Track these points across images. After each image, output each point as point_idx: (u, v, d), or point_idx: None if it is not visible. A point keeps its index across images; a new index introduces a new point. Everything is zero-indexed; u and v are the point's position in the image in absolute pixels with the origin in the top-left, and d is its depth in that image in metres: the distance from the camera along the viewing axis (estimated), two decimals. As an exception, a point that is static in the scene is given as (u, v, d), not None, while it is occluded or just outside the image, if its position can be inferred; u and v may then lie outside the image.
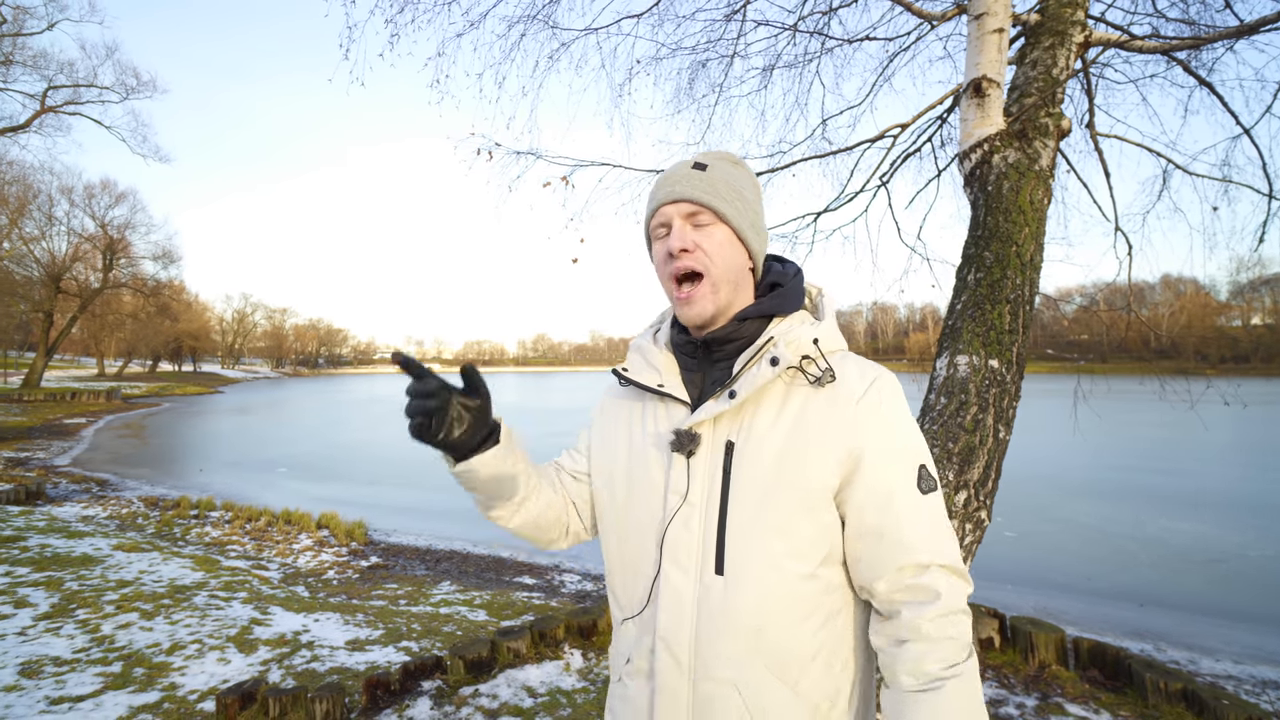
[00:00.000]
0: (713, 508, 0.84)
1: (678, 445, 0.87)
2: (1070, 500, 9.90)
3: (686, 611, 0.84)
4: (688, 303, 0.89)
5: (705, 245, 0.88)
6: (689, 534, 0.85)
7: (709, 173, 0.90)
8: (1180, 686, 3.11)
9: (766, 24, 3.48)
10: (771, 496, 0.82)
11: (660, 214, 0.91)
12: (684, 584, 0.85)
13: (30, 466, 12.55)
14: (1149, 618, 5.58)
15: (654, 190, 0.94)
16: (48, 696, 3.13)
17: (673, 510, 0.86)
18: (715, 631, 0.82)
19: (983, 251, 2.25)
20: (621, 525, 0.94)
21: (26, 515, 7.49)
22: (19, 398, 24.34)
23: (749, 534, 0.82)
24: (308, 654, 3.91)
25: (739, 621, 0.82)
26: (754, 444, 0.84)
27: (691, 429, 0.87)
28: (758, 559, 0.82)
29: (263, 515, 8.56)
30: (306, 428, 22.96)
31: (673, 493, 0.87)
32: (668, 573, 0.85)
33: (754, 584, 0.82)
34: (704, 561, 0.84)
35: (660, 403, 0.94)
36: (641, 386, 0.93)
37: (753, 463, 0.83)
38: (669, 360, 0.96)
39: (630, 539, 0.92)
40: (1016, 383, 2.11)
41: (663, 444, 0.90)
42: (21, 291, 31.62)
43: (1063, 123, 2.43)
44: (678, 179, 0.90)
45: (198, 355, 72.51)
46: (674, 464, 0.88)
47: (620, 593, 0.94)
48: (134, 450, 15.91)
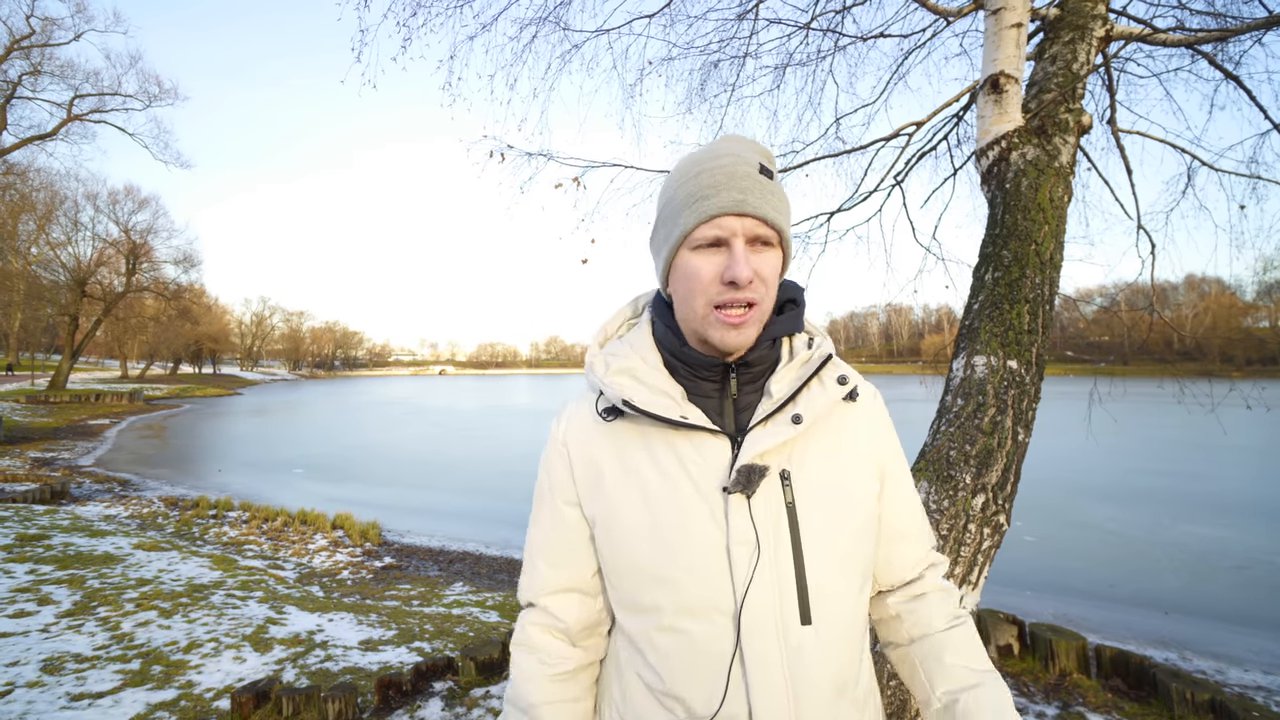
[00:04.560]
0: (784, 551, 0.73)
1: (742, 485, 0.72)
2: (1091, 504, 9.71)
3: (778, 684, 0.71)
4: (739, 330, 0.76)
5: (763, 272, 0.75)
6: (769, 590, 0.72)
7: (776, 183, 0.78)
8: (1208, 697, 3.02)
9: (779, 22, 3.46)
10: (838, 524, 0.77)
11: (719, 224, 0.74)
12: (772, 653, 0.72)
13: (56, 466, 12.84)
14: (1173, 625, 5.45)
15: (702, 182, 0.76)
16: (69, 693, 3.18)
17: (746, 566, 0.72)
18: (812, 691, 0.73)
19: (1001, 250, 2.20)
20: (662, 606, 0.74)
21: (51, 514, 7.65)
22: (46, 399, 24.90)
23: (829, 571, 0.75)
24: (321, 654, 3.94)
25: (832, 671, 0.74)
26: (810, 471, 0.77)
27: (755, 462, 0.74)
28: (841, 596, 0.76)
29: (279, 515, 8.67)
30: (323, 429, 23.23)
31: (739, 544, 0.72)
32: (753, 647, 0.71)
33: (842, 626, 0.76)
34: (787, 617, 0.72)
35: (683, 438, 0.77)
36: (659, 419, 0.75)
37: (814, 492, 0.77)
38: (674, 385, 0.80)
39: (681, 620, 0.74)
40: (1036, 384, 2.06)
41: (707, 488, 0.75)
42: (49, 296, 32.44)
43: (1083, 119, 2.38)
44: (747, 186, 0.74)
45: (217, 357, 73.81)
46: (733, 509, 0.73)
47: (672, 693, 0.74)
48: (155, 451, 16.21)
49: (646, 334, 0.85)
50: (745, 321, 0.76)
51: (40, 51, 23.49)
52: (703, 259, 0.76)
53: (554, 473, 0.84)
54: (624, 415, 0.79)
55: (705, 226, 0.75)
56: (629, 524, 0.77)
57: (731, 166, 0.75)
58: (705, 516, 0.74)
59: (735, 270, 0.73)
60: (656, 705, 0.76)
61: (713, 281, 0.75)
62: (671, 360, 0.82)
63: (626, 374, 0.81)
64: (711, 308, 0.76)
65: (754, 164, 0.76)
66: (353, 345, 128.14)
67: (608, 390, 0.79)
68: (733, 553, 0.72)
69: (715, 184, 0.75)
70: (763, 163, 0.77)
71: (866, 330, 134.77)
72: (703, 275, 0.75)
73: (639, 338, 0.85)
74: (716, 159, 0.76)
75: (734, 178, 0.75)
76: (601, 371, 0.82)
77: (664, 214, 0.81)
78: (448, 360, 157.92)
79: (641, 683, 0.77)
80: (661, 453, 0.77)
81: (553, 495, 0.85)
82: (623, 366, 0.82)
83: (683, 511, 0.74)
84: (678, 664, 0.73)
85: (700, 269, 0.76)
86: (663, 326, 0.84)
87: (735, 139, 0.80)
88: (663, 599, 0.74)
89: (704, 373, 0.80)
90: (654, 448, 0.78)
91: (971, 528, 1.89)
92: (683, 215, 0.77)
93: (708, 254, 0.76)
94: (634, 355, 0.83)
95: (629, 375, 0.81)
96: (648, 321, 0.87)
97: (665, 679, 0.74)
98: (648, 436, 0.79)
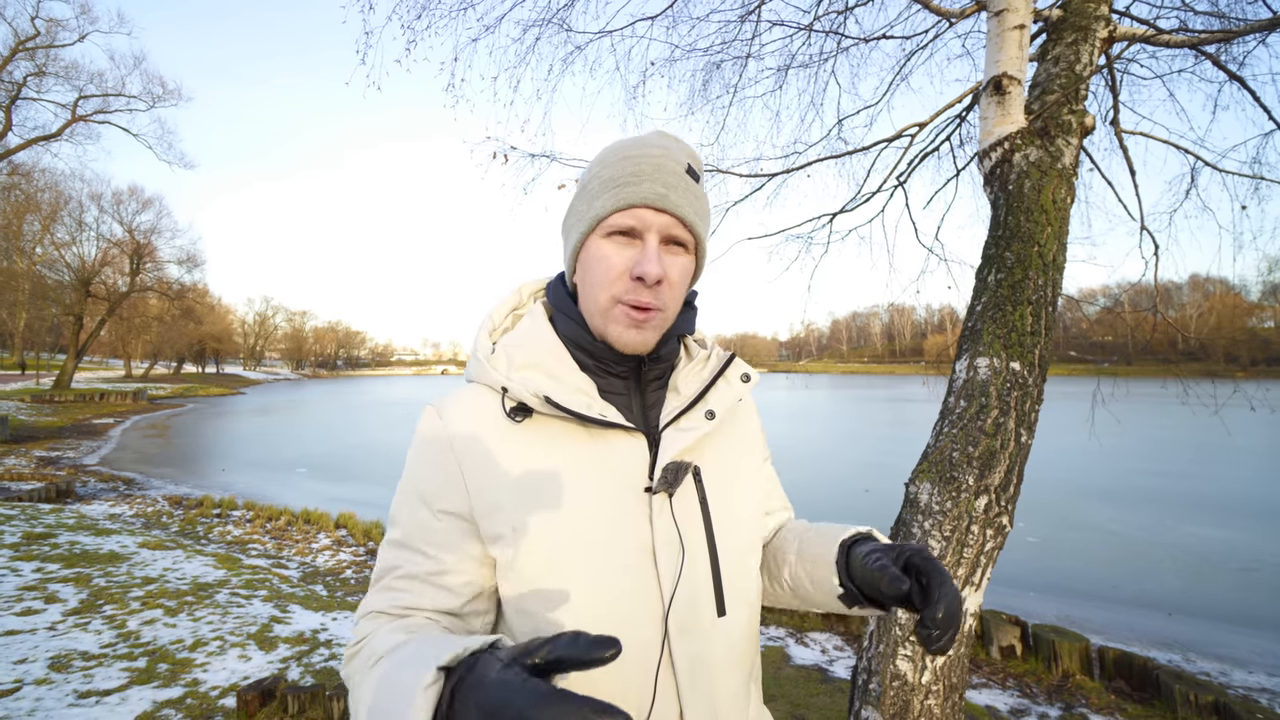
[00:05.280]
0: (701, 548, 0.73)
1: (667, 483, 0.71)
2: (1094, 506, 9.69)
3: (704, 679, 0.71)
4: (639, 330, 0.73)
5: (673, 275, 0.73)
6: (692, 588, 0.71)
7: (700, 187, 0.77)
8: (1211, 699, 3.02)
9: (781, 24, 3.46)
10: (741, 515, 0.80)
11: (636, 215, 0.71)
12: (698, 650, 0.71)
13: (61, 465, 12.89)
14: (1177, 627, 5.44)
15: (625, 169, 0.73)
16: (76, 690, 3.21)
17: (671, 567, 0.70)
18: (729, 680, 0.74)
19: (1003, 251, 2.21)
20: (581, 617, 0.67)
21: (57, 513, 7.69)
22: (50, 398, 25.01)
23: (737, 562, 0.78)
24: (326, 652, 3.95)
25: (743, 655, 0.77)
26: (715, 466, 0.78)
27: (681, 459, 0.73)
28: (746, 581, 0.79)
29: (283, 515, 8.70)
30: (325, 429, 23.29)
31: (664, 545, 0.70)
32: (681, 647, 0.70)
33: (748, 611, 0.79)
34: (706, 612, 0.72)
35: (599, 437, 0.73)
36: (580, 417, 0.70)
37: (720, 486, 0.78)
38: (587, 380, 0.75)
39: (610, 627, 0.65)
40: (1039, 386, 2.06)
41: (629, 489, 0.71)
42: (53, 295, 32.58)
43: (1086, 120, 2.38)
44: (671, 182, 0.72)
45: (220, 357, 74.07)
46: (657, 511, 0.71)
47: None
48: (159, 450, 16.27)
49: (545, 325, 0.78)
50: (646, 321, 0.73)
51: (45, 53, 23.62)
52: (613, 248, 0.72)
53: (430, 480, 0.72)
54: (532, 414, 0.72)
55: (621, 214, 0.72)
56: (551, 532, 0.68)
57: (659, 160, 0.73)
58: (631, 519, 0.70)
59: (645, 266, 0.70)
60: None
61: (621, 275, 0.72)
62: (580, 355, 0.77)
63: (536, 369, 0.74)
64: (615, 301, 0.72)
65: (682, 163, 0.74)
66: (355, 345, 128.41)
67: (515, 386, 0.71)
68: (659, 554, 0.70)
69: (639, 173, 0.72)
70: (690, 164, 0.76)
71: (869, 330, 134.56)
72: (611, 265, 0.72)
73: (538, 329, 0.78)
74: (644, 149, 0.74)
75: (660, 171, 0.72)
76: (505, 367, 0.74)
77: (580, 195, 0.77)
78: (450, 360, 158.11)
79: None
80: (579, 453, 0.72)
81: (426, 506, 0.71)
82: (529, 360, 0.75)
83: (610, 515, 0.70)
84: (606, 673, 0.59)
85: (609, 257, 0.72)
86: (566, 319, 0.78)
87: (667, 135, 0.78)
88: (591, 609, 0.68)
89: (615, 368, 0.77)
90: (570, 449, 0.72)
91: (974, 529, 1.90)
92: (600, 198, 0.73)
93: (619, 244, 0.72)
94: (539, 348, 0.76)
95: (539, 370, 0.74)
96: (541, 312, 0.80)
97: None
98: (560, 436, 0.72)
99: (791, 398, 38.47)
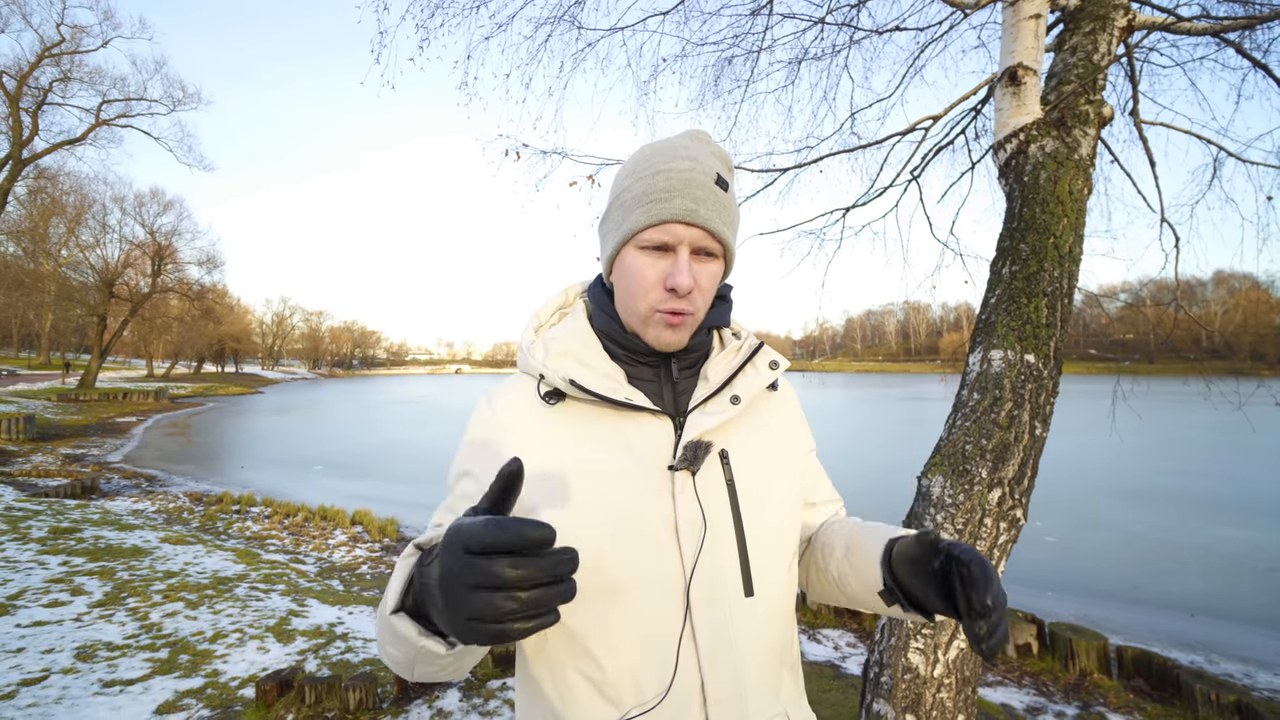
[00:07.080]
0: (727, 526, 0.76)
1: (688, 461, 0.75)
2: (1115, 505, 9.53)
3: (727, 656, 0.73)
4: (674, 331, 0.79)
5: (703, 282, 0.79)
6: (716, 564, 0.74)
7: (730, 195, 0.80)
8: (1234, 699, 2.96)
9: (793, 17, 3.44)
10: (773, 500, 0.82)
11: (668, 230, 0.76)
12: (721, 625, 0.73)
13: (86, 463, 13.20)
14: (1199, 628, 5.33)
15: (657, 183, 0.77)
16: (101, 679, 3.29)
17: (694, 541, 0.74)
18: (757, 660, 0.76)
19: (1018, 244, 2.18)
20: (606, 589, 0.72)
21: (82, 508, 7.88)
22: (76, 397, 25.58)
23: (768, 545, 0.79)
24: (342, 645, 4.01)
25: (773, 639, 0.79)
26: (746, 451, 0.81)
27: (702, 438, 0.77)
28: (778, 567, 0.81)
29: (300, 511, 8.83)
30: (342, 427, 23.60)
31: (687, 520, 0.74)
32: (703, 620, 0.72)
33: (780, 596, 0.80)
34: (732, 590, 0.75)
35: (627, 419, 0.78)
36: (606, 400, 0.76)
37: (750, 470, 0.81)
38: (616, 368, 0.82)
39: (634, 599, 0.72)
40: (1054, 379, 2.04)
41: (653, 467, 0.76)
42: (78, 296, 33.34)
43: (1104, 110, 2.34)
44: (701, 196, 0.76)
45: (239, 357, 75.29)
46: (679, 486, 0.75)
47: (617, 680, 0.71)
48: (180, 448, 16.58)
49: (583, 320, 0.86)
50: (681, 325, 0.79)
51: (70, 58, 24.14)
52: (647, 260, 0.78)
53: (475, 456, 0.80)
54: (565, 399, 0.80)
55: (654, 230, 0.76)
56: (578, 505, 0.74)
57: (689, 173, 0.76)
58: (654, 494, 0.75)
59: (677, 279, 0.75)
60: (599, 699, 0.72)
61: (655, 285, 0.77)
62: (611, 346, 0.83)
63: (569, 356, 0.81)
64: (653, 310, 0.78)
65: (711, 173, 0.78)
66: (371, 344, 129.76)
67: (550, 373, 0.79)
68: (681, 528, 0.74)
69: (670, 189, 0.76)
70: (720, 173, 0.79)
71: (884, 328, 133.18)
72: (646, 277, 0.77)
73: (576, 323, 0.86)
74: (675, 161, 0.77)
75: (690, 185, 0.76)
76: (542, 355, 0.81)
77: (615, 204, 0.82)
78: (464, 359, 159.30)
79: (584, 679, 0.73)
80: (608, 434, 0.78)
81: (471, 478, 0.80)
82: (564, 349, 0.82)
83: (635, 490, 0.75)
84: (629, 645, 0.71)
85: (644, 270, 0.78)
86: (602, 314, 0.85)
87: (698, 140, 0.81)
88: (618, 579, 0.72)
89: (645, 358, 0.83)
90: (599, 429, 0.78)
91: (988, 522, 1.88)
92: (633, 213, 0.78)
93: (653, 256, 0.78)
94: (573, 339, 0.83)
95: (572, 358, 0.81)
96: (583, 309, 0.88)
97: (610, 667, 0.71)
98: (592, 419, 0.79)
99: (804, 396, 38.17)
